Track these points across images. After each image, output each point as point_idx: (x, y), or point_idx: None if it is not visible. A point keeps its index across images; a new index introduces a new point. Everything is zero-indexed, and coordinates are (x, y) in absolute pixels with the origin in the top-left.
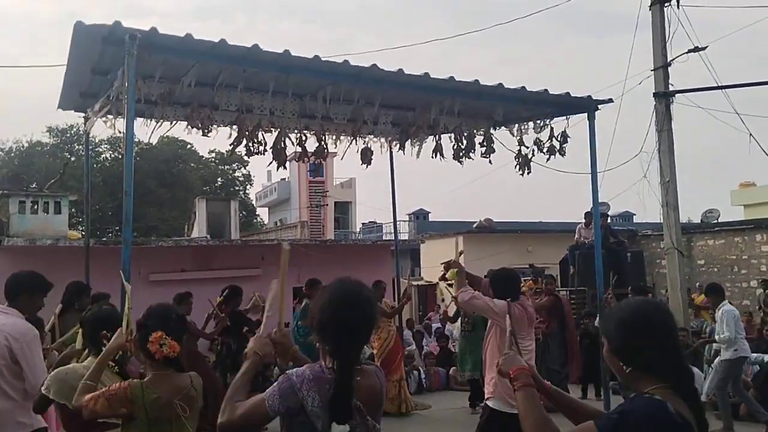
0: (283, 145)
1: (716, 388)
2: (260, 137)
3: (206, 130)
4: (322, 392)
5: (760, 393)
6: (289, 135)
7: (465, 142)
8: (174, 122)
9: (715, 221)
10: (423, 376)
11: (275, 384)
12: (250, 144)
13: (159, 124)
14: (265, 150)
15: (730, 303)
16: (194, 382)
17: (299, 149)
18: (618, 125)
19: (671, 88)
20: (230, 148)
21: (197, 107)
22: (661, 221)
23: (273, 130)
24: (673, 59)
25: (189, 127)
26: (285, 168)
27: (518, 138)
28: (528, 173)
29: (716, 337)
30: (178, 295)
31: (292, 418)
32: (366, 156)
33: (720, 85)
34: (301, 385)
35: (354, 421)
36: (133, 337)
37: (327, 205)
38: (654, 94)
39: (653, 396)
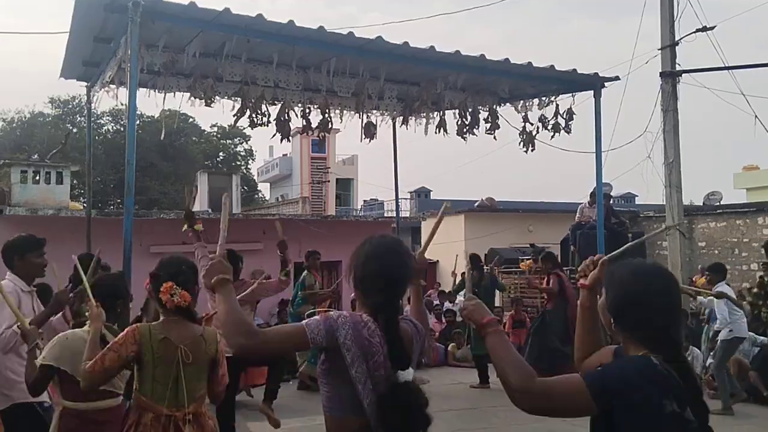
0: (286, 118)
1: (715, 368)
2: (264, 109)
3: (209, 101)
4: (356, 330)
5: (760, 375)
6: (293, 108)
7: (469, 118)
8: (181, 94)
9: (717, 204)
10: None
11: (319, 318)
12: (254, 115)
13: (162, 94)
14: (268, 122)
15: (728, 285)
16: (206, 333)
17: (303, 122)
18: (622, 106)
19: (678, 68)
20: (233, 120)
21: (200, 78)
22: (664, 202)
23: (276, 102)
24: (681, 38)
25: (192, 97)
26: (288, 140)
27: (523, 114)
28: (532, 150)
29: (718, 317)
30: None
31: (332, 356)
32: (369, 130)
33: (727, 65)
34: (337, 318)
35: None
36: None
37: (329, 181)
38: (661, 73)
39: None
